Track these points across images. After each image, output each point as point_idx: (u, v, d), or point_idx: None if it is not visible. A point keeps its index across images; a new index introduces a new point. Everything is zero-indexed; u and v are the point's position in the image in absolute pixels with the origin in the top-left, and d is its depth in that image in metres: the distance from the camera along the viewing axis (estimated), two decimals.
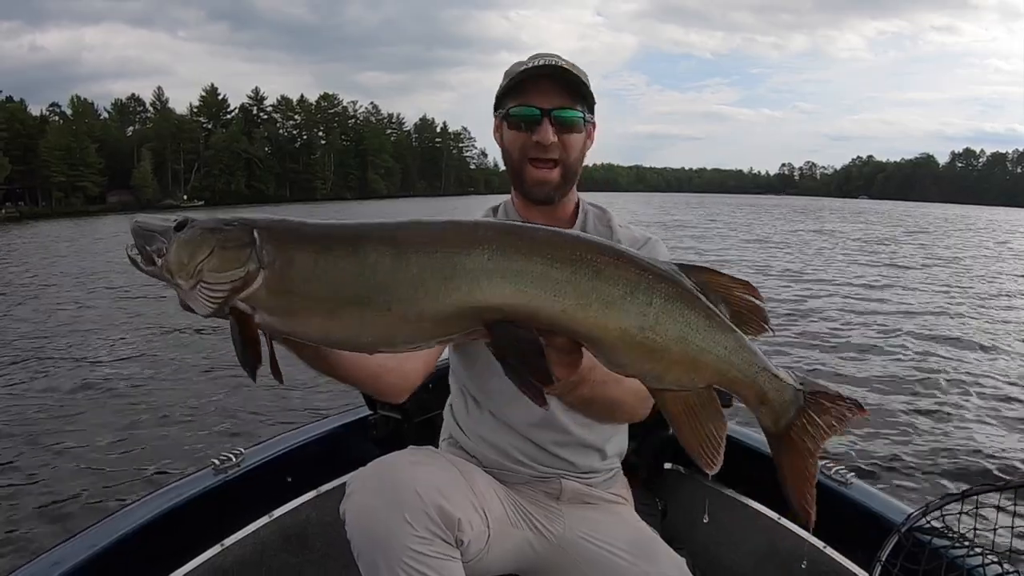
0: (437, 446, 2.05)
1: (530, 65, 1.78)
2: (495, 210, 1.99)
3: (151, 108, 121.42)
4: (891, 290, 17.51)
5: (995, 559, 1.80)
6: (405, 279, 1.12)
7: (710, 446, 1.17)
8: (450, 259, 1.12)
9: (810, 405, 1.16)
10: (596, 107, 1.85)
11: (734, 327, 1.14)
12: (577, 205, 1.98)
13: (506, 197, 2.01)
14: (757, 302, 1.16)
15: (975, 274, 21.56)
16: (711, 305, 1.14)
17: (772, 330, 1.17)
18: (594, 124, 1.88)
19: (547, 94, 1.77)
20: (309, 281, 1.15)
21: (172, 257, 1.16)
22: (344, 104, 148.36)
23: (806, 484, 1.19)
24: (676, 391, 1.16)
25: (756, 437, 2.53)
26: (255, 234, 1.16)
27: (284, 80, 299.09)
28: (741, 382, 1.15)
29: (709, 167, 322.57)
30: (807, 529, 1.28)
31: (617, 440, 2.00)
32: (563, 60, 1.81)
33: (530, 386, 1.14)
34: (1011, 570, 1.76)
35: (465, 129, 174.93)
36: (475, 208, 2.03)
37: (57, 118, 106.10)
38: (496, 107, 1.87)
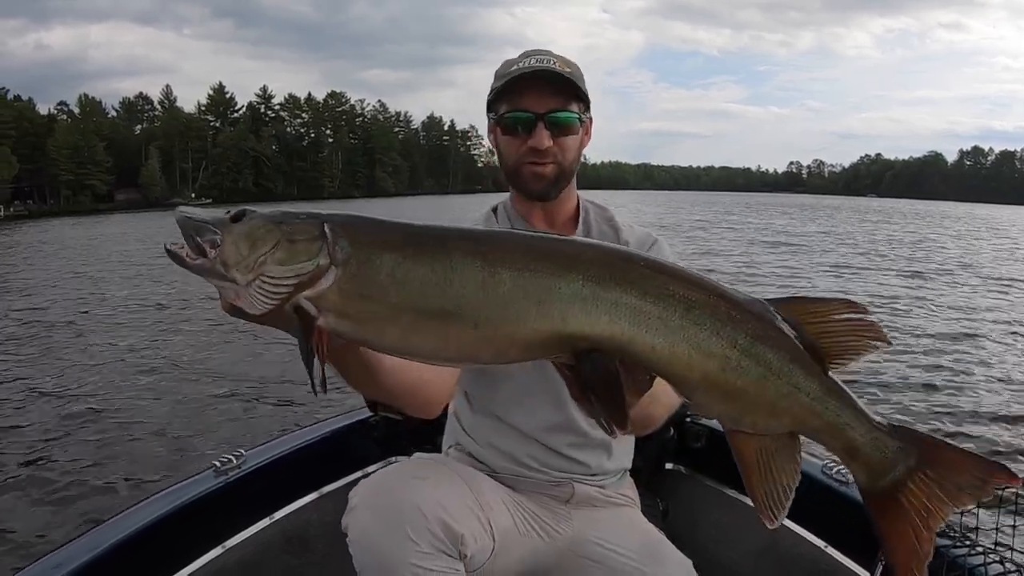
0: (439, 448, 2.03)
1: (522, 65, 1.74)
2: (495, 210, 1.97)
3: (159, 107, 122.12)
4: (899, 289, 17.43)
5: (996, 558, 1.79)
6: (495, 297, 1.05)
7: (776, 498, 1.10)
8: (543, 281, 1.05)
9: (928, 463, 1.06)
10: (603, 105, 1.85)
11: (823, 371, 1.07)
12: (578, 203, 1.95)
13: (506, 195, 1.99)
14: (863, 317, 1.07)
15: (984, 273, 21.43)
16: (799, 345, 1.07)
17: (889, 342, 1.08)
18: (591, 120, 1.85)
19: (541, 96, 1.73)
20: (388, 287, 1.06)
21: (228, 248, 1.07)
22: (352, 102, 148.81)
23: (914, 560, 1.07)
24: (750, 434, 1.10)
25: None
26: (325, 228, 1.07)
27: (290, 77, 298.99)
28: (826, 432, 1.08)
29: (717, 165, 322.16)
30: None
31: (625, 439, 1.99)
32: (555, 57, 1.77)
33: (603, 417, 1.09)
34: (1012, 569, 1.76)
35: (472, 127, 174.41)
36: (483, 205, 2.02)
37: (65, 116, 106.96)
38: (489, 109, 1.84)
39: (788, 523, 2.34)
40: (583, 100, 1.78)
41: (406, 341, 1.09)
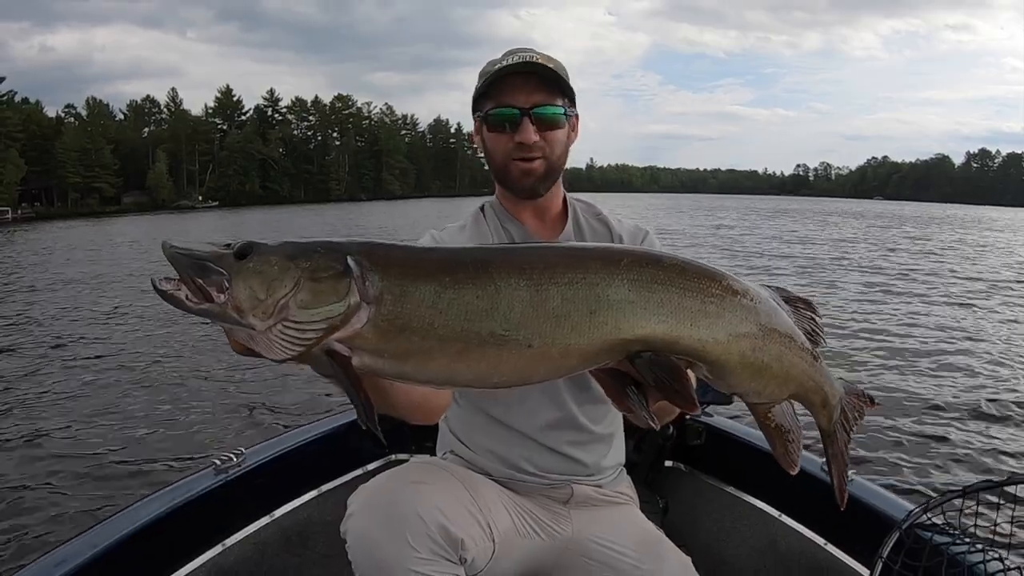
0: (435, 449, 2.03)
1: (505, 63, 1.74)
2: (482, 209, 1.96)
3: (166, 110, 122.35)
4: (899, 286, 17.53)
5: (996, 555, 1.79)
6: (546, 313, 1.04)
7: (795, 450, 1.30)
8: (593, 291, 1.06)
9: (846, 403, 1.35)
10: (609, 107, 1.85)
11: (809, 343, 1.26)
12: (564, 200, 1.95)
13: (491, 196, 1.98)
14: (817, 319, 1.30)
15: (978, 272, 21.39)
16: (794, 323, 1.25)
17: (825, 343, 1.29)
18: (577, 116, 1.85)
19: (525, 91, 1.72)
20: (430, 318, 1.01)
21: (241, 292, 0.99)
22: (358, 105, 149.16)
23: (844, 467, 1.39)
24: (768, 403, 1.26)
25: (756, 434, 2.52)
26: (350, 261, 1.01)
27: (295, 80, 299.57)
28: (814, 391, 1.29)
29: (724, 168, 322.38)
30: (840, 505, 1.38)
31: (620, 434, 1.99)
32: (538, 54, 1.76)
33: (646, 409, 1.14)
34: (1012, 566, 1.75)
35: None
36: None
37: (73, 119, 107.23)
38: (474, 109, 1.83)
39: (787, 520, 2.34)
40: (568, 95, 1.79)
41: (453, 371, 1.06)
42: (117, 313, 14.08)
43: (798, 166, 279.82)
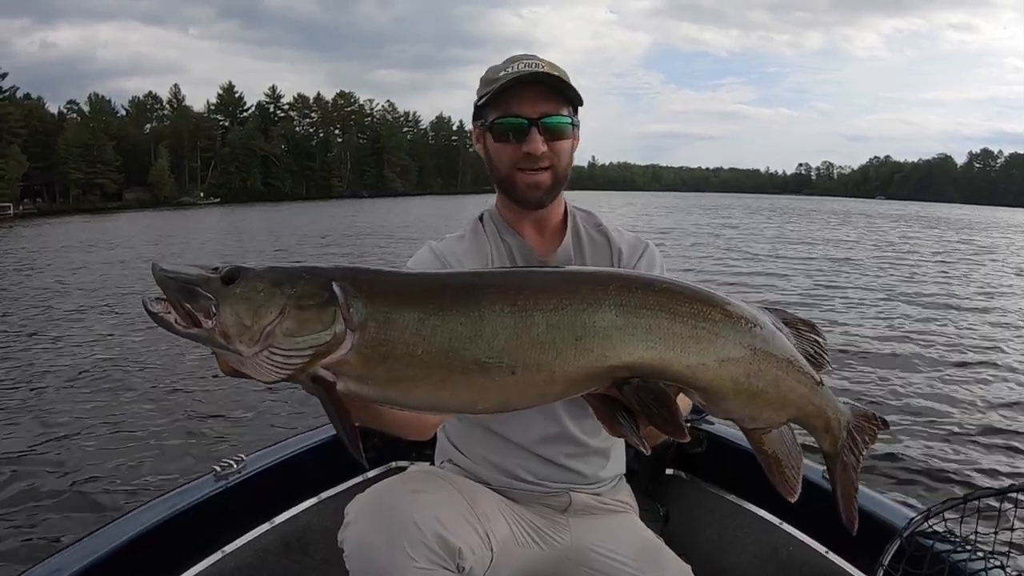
0: (434, 457, 2.03)
1: (511, 71, 1.71)
2: (481, 218, 1.94)
3: (168, 106, 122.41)
4: (903, 290, 17.45)
5: (998, 563, 1.78)
6: (531, 341, 1.03)
7: (794, 476, 1.25)
8: (579, 317, 1.05)
9: (854, 426, 1.29)
10: (611, 106, 1.83)
11: (809, 366, 1.22)
12: (565, 210, 1.92)
13: (491, 201, 1.96)
14: (820, 341, 1.26)
15: (983, 277, 21.34)
16: (793, 347, 1.21)
17: (831, 366, 1.26)
18: (578, 125, 1.82)
19: (532, 101, 1.70)
20: (413, 345, 1.01)
21: (228, 318, 1.00)
22: (360, 102, 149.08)
23: (854, 493, 1.32)
24: (764, 429, 1.22)
25: None
26: (335, 288, 1.02)
27: (296, 78, 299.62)
28: (815, 415, 1.24)
29: (726, 166, 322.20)
30: (851, 532, 1.32)
31: (619, 444, 1.98)
32: (542, 61, 1.75)
33: (637, 435, 1.12)
34: (1014, 574, 1.76)
35: None
36: (482, 208, 1.99)
37: (75, 115, 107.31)
38: (476, 117, 1.81)
39: (789, 528, 2.34)
40: (572, 104, 1.77)
41: (437, 397, 1.06)
42: (116, 316, 13.94)
43: (800, 165, 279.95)
